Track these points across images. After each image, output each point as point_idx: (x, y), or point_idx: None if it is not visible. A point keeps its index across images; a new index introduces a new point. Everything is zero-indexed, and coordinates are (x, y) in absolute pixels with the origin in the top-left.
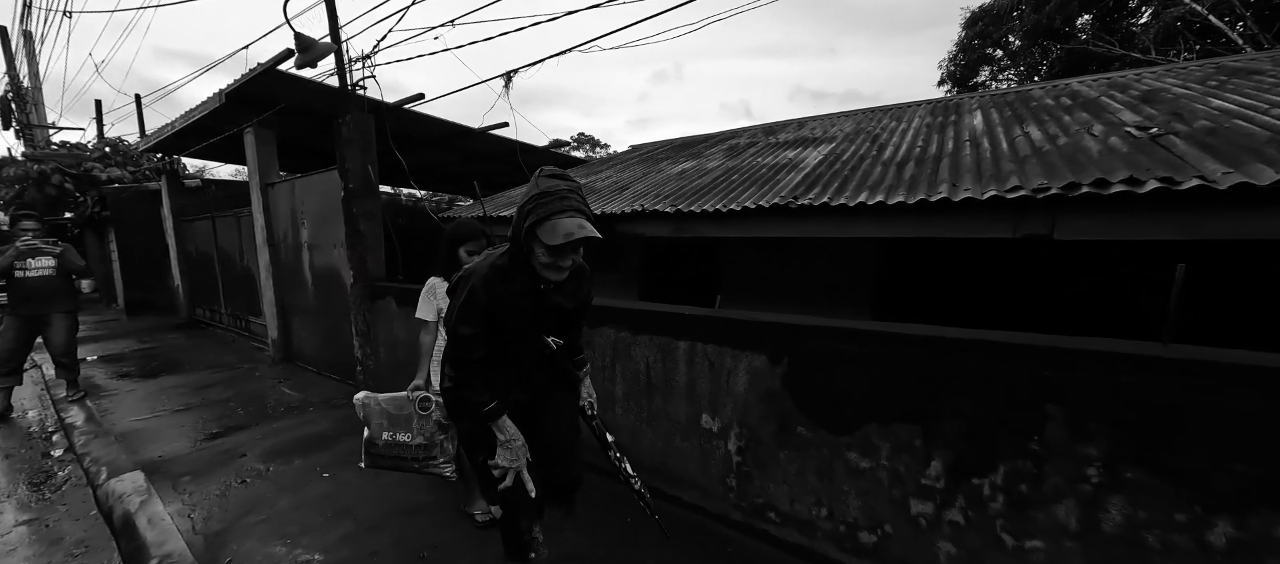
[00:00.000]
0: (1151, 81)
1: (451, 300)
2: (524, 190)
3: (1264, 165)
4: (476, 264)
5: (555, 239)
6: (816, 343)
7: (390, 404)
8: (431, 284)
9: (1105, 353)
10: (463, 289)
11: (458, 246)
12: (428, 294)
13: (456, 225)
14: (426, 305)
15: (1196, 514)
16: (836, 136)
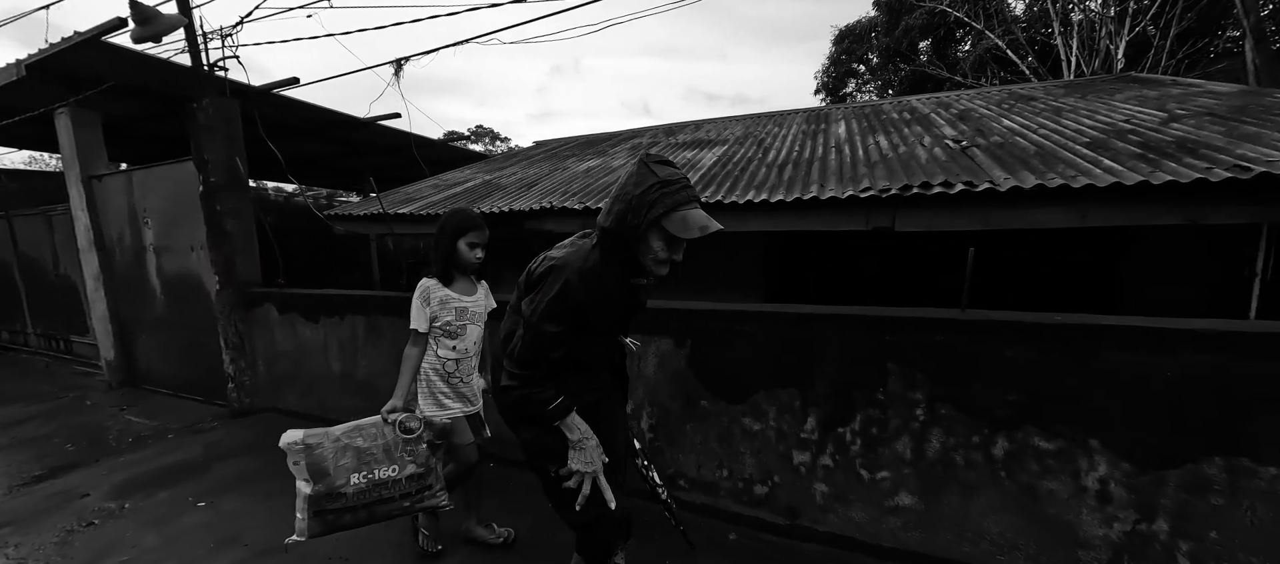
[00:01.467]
0: (966, 103)
1: (535, 293)
2: (628, 179)
3: (1029, 173)
4: (568, 255)
5: (688, 232)
6: (716, 325)
7: (355, 436)
8: (426, 288)
9: (924, 319)
10: (554, 282)
11: (458, 239)
12: (421, 300)
13: (455, 215)
14: (420, 313)
15: (985, 434)
16: (728, 139)
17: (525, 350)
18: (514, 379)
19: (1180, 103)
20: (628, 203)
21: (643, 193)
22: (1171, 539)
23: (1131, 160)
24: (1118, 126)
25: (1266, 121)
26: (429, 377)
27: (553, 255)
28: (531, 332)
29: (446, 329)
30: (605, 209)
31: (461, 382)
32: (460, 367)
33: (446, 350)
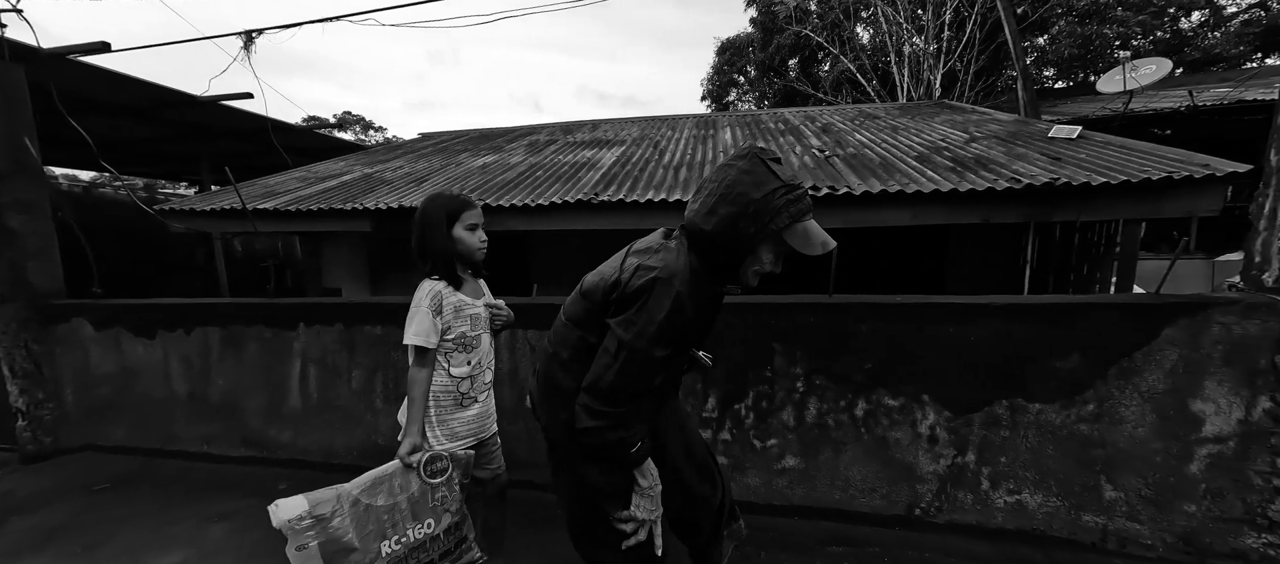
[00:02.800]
0: (827, 118)
1: (634, 309)
2: (739, 177)
3: (876, 180)
4: (669, 262)
5: (810, 248)
6: None
7: (375, 493)
8: (436, 293)
9: (801, 303)
10: (664, 296)
11: (455, 223)
12: (431, 309)
13: (437, 199)
14: (428, 325)
15: (849, 398)
16: (626, 140)
17: (624, 380)
18: (603, 418)
19: (977, 127)
20: (743, 207)
21: (765, 198)
22: (977, 467)
23: (946, 171)
24: (936, 144)
25: (1031, 145)
26: (439, 400)
27: (648, 264)
28: (637, 358)
29: (460, 341)
30: (704, 208)
31: (476, 402)
32: (475, 384)
33: (460, 367)
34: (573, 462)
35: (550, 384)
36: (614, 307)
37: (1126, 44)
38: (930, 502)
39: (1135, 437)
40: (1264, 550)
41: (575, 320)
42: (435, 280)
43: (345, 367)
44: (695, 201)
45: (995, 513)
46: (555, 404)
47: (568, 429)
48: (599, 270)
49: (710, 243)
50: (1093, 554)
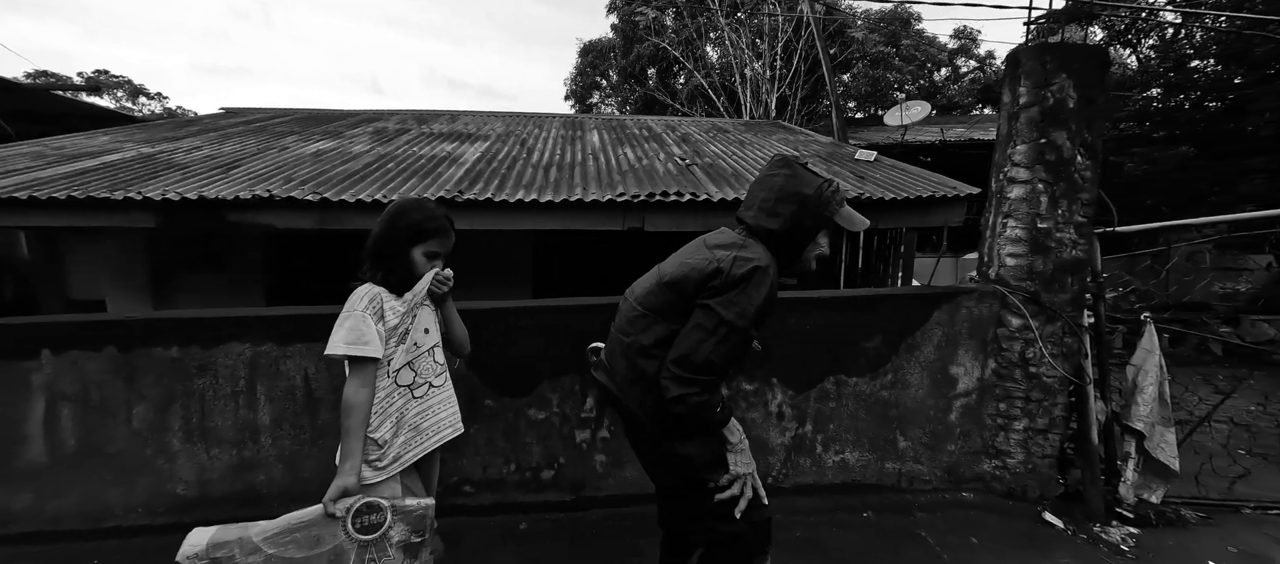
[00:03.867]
0: (686, 128)
1: (735, 292)
2: (787, 182)
3: (730, 188)
4: (762, 254)
5: (855, 226)
6: (498, 323)
7: (286, 542)
8: (374, 294)
9: None
10: (763, 283)
11: (414, 246)
12: (370, 313)
13: (408, 209)
14: (369, 332)
15: None
16: (490, 135)
17: (719, 354)
18: (691, 385)
19: (804, 146)
20: (801, 204)
21: (816, 193)
22: (813, 435)
23: None
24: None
25: (844, 164)
26: (388, 415)
27: (745, 255)
28: (735, 335)
29: (403, 337)
30: (765, 211)
31: (433, 388)
32: (421, 380)
33: (405, 371)
34: (666, 445)
35: (637, 372)
36: (710, 291)
37: (902, 88)
38: (779, 469)
39: (917, 397)
40: (994, 471)
41: (658, 310)
42: (377, 287)
43: (122, 401)
44: (749, 209)
45: (826, 471)
46: (642, 390)
47: (656, 412)
48: (680, 264)
49: (778, 238)
50: (892, 493)
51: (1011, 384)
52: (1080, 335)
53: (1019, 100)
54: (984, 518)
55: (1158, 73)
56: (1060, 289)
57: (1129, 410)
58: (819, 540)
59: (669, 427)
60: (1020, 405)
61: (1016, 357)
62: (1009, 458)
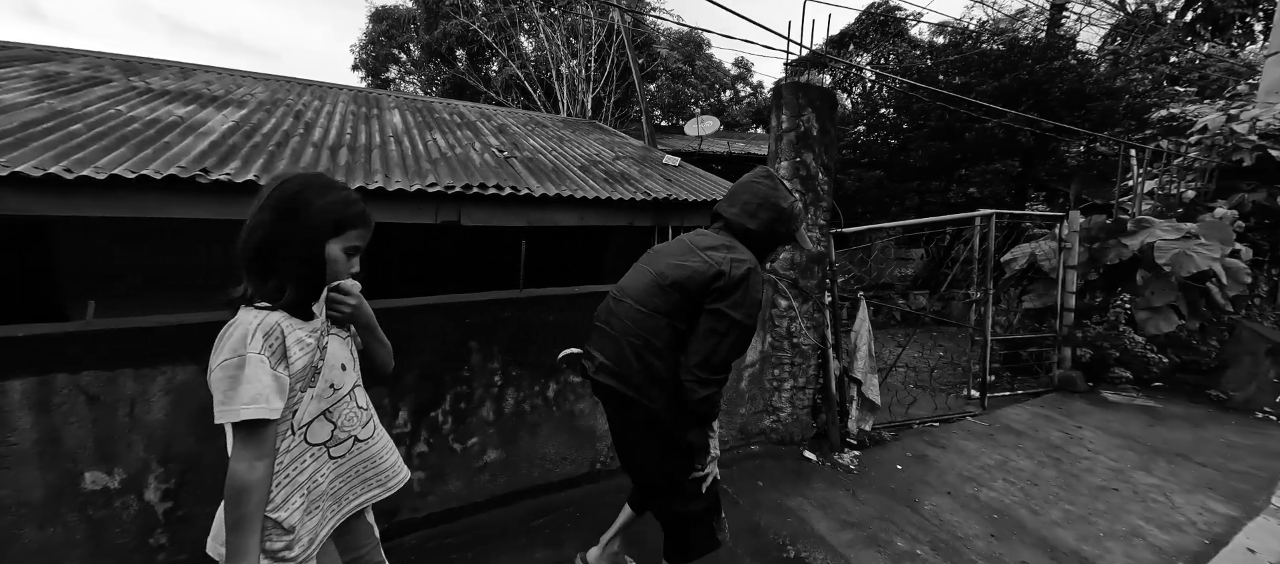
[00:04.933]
0: (502, 119)
1: (738, 293)
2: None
3: (552, 184)
4: (745, 252)
5: (806, 245)
6: None
7: None
8: (268, 329)
9: (495, 300)
10: (757, 281)
11: (333, 240)
12: (264, 356)
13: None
14: (263, 384)
15: (543, 383)
16: (248, 102)
17: (732, 353)
18: (714, 386)
19: (620, 148)
20: (778, 214)
21: (790, 208)
22: None
23: (603, 182)
24: (593, 157)
25: (655, 167)
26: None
27: (738, 256)
28: (746, 334)
29: (313, 379)
30: (747, 212)
31: (361, 470)
32: (342, 433)
33: (322, 428)
34: (670, 432)
35: (651, 372)
36: (716, 294)
37: (697, 103)
38: (607, 454)
39: None
40: (772, 425)
41: (665, 312)
42: (263, 308)
43: None
44: (732, 207)
45: None
46: (659, 389)
47: (673, 407)
48: (678, 266)
49: (754, 238)
50: None
51: (782, 353)
52: (824, 311)
53: (782, 125)
54: (765, 464)
55: (862, 115)
56: (811, 276)
57: (852, 365)
58: None
59: (685, 421)
60: (788, 369)
61: (784, 331)
62: (781, 412)
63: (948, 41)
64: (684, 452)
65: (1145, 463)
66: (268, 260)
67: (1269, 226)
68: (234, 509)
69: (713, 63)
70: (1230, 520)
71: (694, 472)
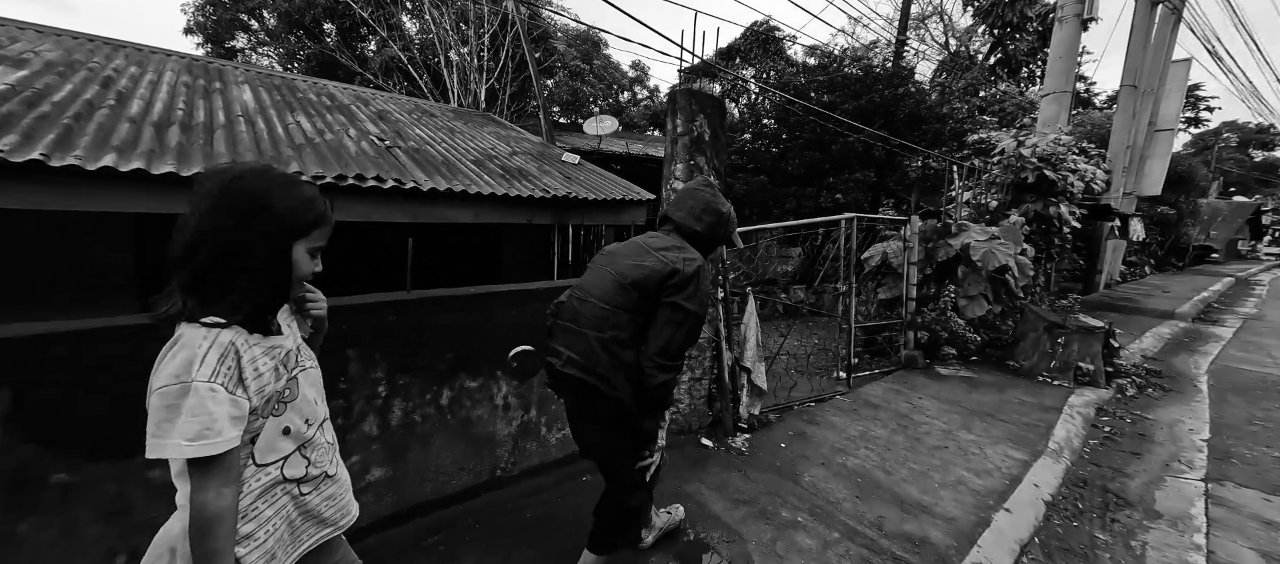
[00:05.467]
0: (382, 104)
1: (691, 287)
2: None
3: (441, 178)
4: (694, 252)
5: (737, 244)
6: (75, 353)
7: None
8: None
9: (376, 303)
10: (706, 276)
11: (297, 241)
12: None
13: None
14: (212, 413)
15: (435, 390)
16: (33, 61)
17: (688, 340)
18: (672, 371)
19: (517, 144)
20: (718, 216)
21: (728, 213)
22: (538, 418)
23: (499, 177)
24: (488, 152)
25: (554, 164)
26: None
27: (689, 255)
28: (698, 323)
29: (279, 408)
30: (692, 216)
31: (321, 510)
32: (315, 470)
33: (287, 453)
34: (630, 420)
35: (618, 361)
36: (671, 289)
37: (596, 102)
38: (508, 459)
39: None
40: (673, 418)
41: (627, 308)
42: (215, 324)
43: None
44: (679, 211)
45: (551, 449)
46: (625, 376)
47: (637, 394)
48: (635, 267)
49: (700, 239)
50: None
51: None
52: (717, 306)
53: (676, 129)
54: (666, 454)
55: (747, 124)
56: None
57: (742, 355)
58: (551, 512)
59: (646, 407)
60: (687, 362)
61: None
62: (680, 404)
63: (817, 63)
64: (639, 438)
65: (966, 423)
66: (226, 270)
67: (1044, 230)
68: (202, 543)
69: (611, 63)
70: (1023, 464)
71: (642, 459)
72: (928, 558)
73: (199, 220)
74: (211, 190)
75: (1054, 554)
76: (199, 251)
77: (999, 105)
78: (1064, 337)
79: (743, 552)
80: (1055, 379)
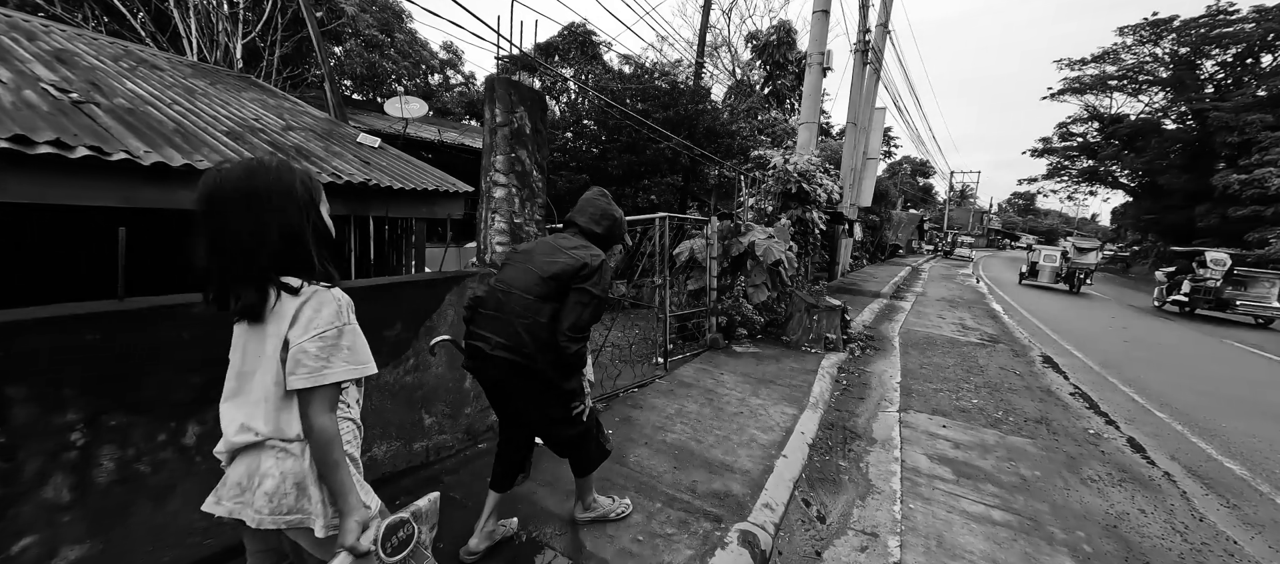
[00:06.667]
0: (62, 41)
1: (597, 277)
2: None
3: (175, 151)
4: (598, 249)
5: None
6: None
7: None
8: (349, 303)
9: (63, 317)
10: (608, 266)
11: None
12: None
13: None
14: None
15: (173, 428)
16: None
17: (593, 317)
18: (582, 341)
19: (293, 117)
20: (614, 221)
21: (621, 217)
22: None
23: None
24: (249, 123)
25: (346, 146)
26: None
27: (594, 251)
28: (600, 304)
29: None
30: (592, 221)
31: None
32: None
33: (357, 396)
34: (553, 383)
35: (542, 340)
36: (581, 278)
37: (400, 81)
38: None
39: (438, 374)
40: None
41: (546, 297)
42: (334, 286)
43: None
44: (583, 217)
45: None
46: (550, 352)
47: (558, 364)
48: (551, 263)
49: (601, 239)
50: (422, 471)
51: None
52: None
53: (496, 119)
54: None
55: (568, 123)
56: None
57: None
58: None
59: (565, 372)
60: None
61: None
62: None
63: (632, 72)
64: (564, 396)
65: (756, 390)
66: (298, 247)
67: (803, 231)
68: (327, 455)
69: (418, 40)
70: (794, 417)
71: (572, 408)
72: (730, 507)
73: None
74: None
75: (815, 484)
76: (268, 241)
77: (772, 128)
78: (818, 314)
79: (575, 541)
80: (813, 348)
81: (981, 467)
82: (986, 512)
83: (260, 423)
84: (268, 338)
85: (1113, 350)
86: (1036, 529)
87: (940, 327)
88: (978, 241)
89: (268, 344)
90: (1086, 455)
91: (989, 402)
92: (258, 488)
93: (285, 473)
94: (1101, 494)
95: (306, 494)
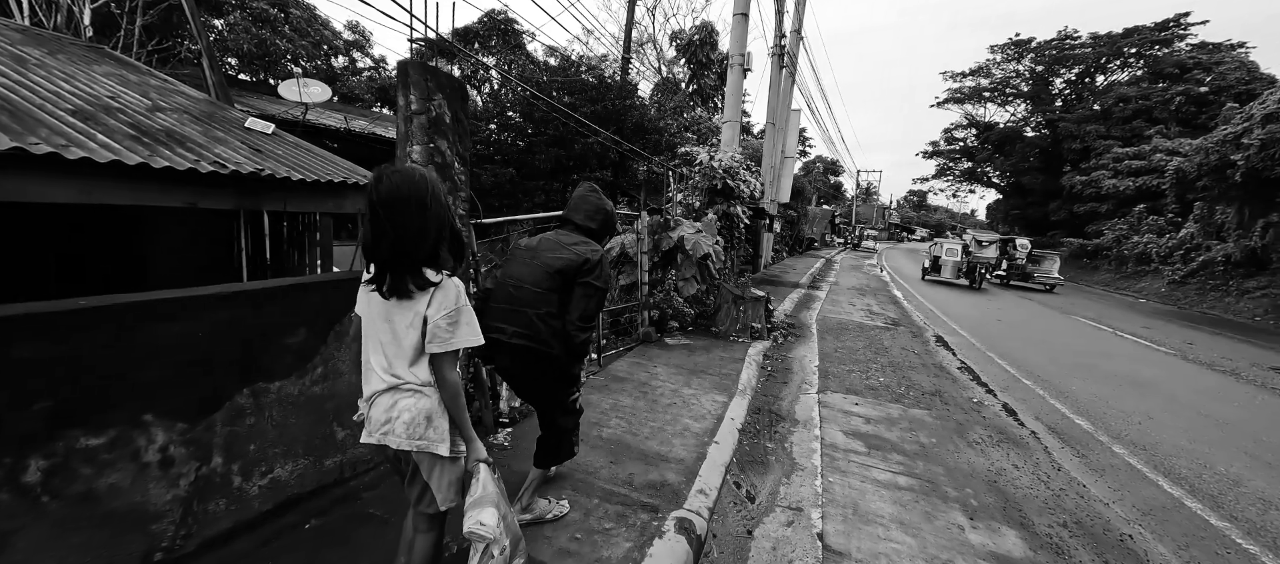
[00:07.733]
0: None
1: (599, 271)
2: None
3: (2, 133)
4: (597, 245)
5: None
6: None
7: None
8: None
9: None
10: (607, 261)
11: None
12: (469, 305)
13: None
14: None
15: (9, 464)
16: None
17: (598, 308)
18: (588, 330)
19: (162, 96)
20: (607, 216)
21: (613, 210)
22: (226, 467)
23: (128, 141)
24: (104, 102)
25: (231, 131)
26: None
27: (594, 248)
28: (603, 295)
29: None
30: (587, 217)
31: None
32: None
33: None
34: (560, 368)
35: (553, 330)
36: (584, 273)
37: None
38: (174, 534)
39: (351, 383)
40: None
41: (554, 289)
42: (448, 275)
43: None
44: (579, 215)
45: (252, 502)
46: (560, 338)
47: (567, 350)
48: (556, 258)
49: (596, 234)
50: (336, 488)
51: None
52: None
53: (411, 106)
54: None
55: (492, 114)
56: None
57: None
58: None
59: (572, 358)
60: None
61: None
62: None
63: (557, 64)
64: (571, 380)
65: (688, 381)
66: (439, 240)
67: (729, 226)
68: (456, 399)
69: (318, 18)
70: (724, 404)
71: (572, 394)
72: (666, 496)
73: (417, 218)
74: (418, 194)
75: (745, 467)
76: (427, 236)
77: (697, 126)
78: (744, 305)
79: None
80: (739, 337)
81: (888, 438)
82: (893, 478)
83: (402, 370)
84: (410, 312)
85: (990, 328)
86: (934, 490)
87: (851, 313)
88: (881, 235)
89: (410, 315)
90: (972, 421)
91: (893, 379)
92: (397, 419)
93: (418, 408)
94: (984, 455)
95: (433, 426)
